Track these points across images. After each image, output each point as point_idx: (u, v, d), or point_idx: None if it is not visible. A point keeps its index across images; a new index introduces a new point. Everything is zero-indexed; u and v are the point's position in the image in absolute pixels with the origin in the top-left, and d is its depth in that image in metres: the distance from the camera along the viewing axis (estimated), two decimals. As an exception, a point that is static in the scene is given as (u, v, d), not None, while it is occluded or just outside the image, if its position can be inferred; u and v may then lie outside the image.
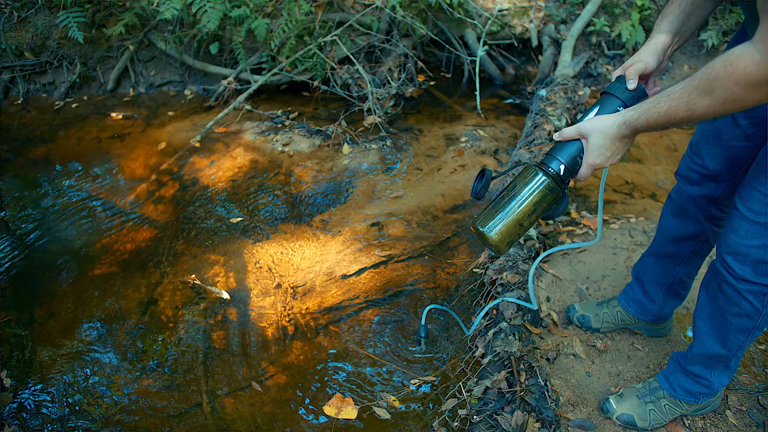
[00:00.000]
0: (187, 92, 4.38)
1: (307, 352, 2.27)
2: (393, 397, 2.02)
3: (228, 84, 4.10)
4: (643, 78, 1.48)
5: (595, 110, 1.37)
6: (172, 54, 4.28)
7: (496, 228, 1.39)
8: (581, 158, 1.37)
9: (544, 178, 1.37)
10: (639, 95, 1.42)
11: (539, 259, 1.78)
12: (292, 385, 2.14)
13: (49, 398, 2.14)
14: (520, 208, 1.38)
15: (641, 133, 1.32)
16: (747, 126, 1.49)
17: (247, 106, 3.93)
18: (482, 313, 1.79)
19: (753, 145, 1.50)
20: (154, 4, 3.93)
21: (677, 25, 1.46)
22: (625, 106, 1.36)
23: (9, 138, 3.88)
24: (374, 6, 4.06)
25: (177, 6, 3.68)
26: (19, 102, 4.27)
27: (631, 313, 2.12)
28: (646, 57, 1.46)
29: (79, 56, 4.28)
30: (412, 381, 2.11)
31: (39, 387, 2.18)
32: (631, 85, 1.43)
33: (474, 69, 4.05)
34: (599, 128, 1.30)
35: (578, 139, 1.37)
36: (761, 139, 1.42)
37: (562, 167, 1.37)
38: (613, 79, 1.51)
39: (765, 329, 2.24)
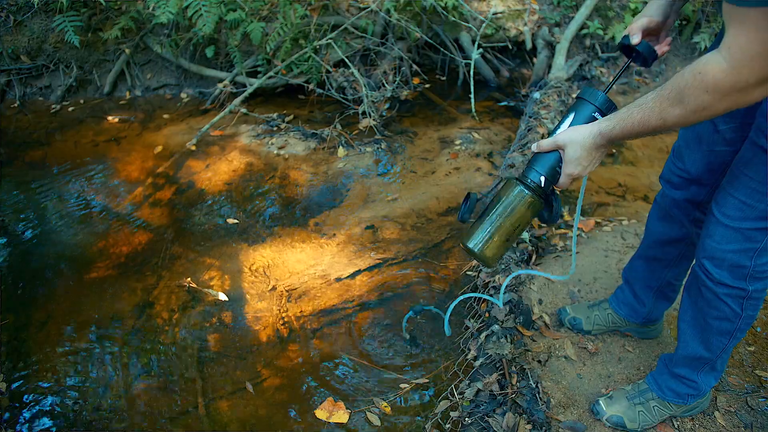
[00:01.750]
0: (183, 95, 4.40)
1: (301, 355, 2.29)
2: (384, 403, 2.04)
3: (224, 87, 4.12)
4: (653, 34, 1.50)
5: (571, 117, 1.39)
6: (168, 57, 4.29)
7: (482, 243, 1.42)
8: (560, 168, 1.39)
9: (525, 191, 1.40)
10: (643, 50, 1.44)
11: (504, 284, 1.81)
12: (287, 387, 2.16)
13: (45, 401, 2.16)
14: (505, 222, 1.41)
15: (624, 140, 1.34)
16: (726, 131, 1.52)
17: (243, 110, 3.95)
18: (450, 309, 1.83)
19: (733, 150, 1.53)
20: (150, 8, 3.94)
21: None
22: (600, 111, 1.38)
23: (6, 141, 3.89)
24: (369, 9, 4.08)
25: (172, 10, 3.70)
26: (16, 105, 4.28)
27: (622, 315, 2.15)
28: (650, 11, 1.48)
29: (75, 60, 4.30)
30: (405, 384, 2.13)
31: (35, 390, 2.19)
32: (635, 39, 1.45)
33: (469, 72, 4.07)
34: (576, 140, 1.32)
35: (556, 150, 1.39)
36: (741, 143, 1.45)
37: (543, 179, 1.40)
38: (622, 38, 1.54)
39: (750, 330, 2.27)
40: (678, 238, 1.85)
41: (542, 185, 1.40)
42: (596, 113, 1.38)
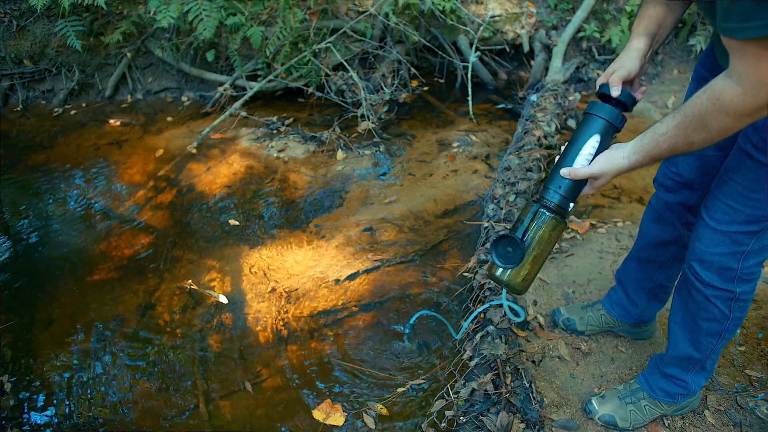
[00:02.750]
0: (184, 99, 4.44)
1: (300, 356, 2.33)
2: (380, 405, 2.08)
3: (224, 90, 4.16)
4: (627, 82, 1.53)
5: (596, 140, 1.40)
6: (169, 61, 4.34)
7: (512, 271, 1.42)
8: (581, 188, 1.43)
9: (548, 214, 1.40)
10: (625, 99, 1.47)
11: (472, 317, 1.83)
12: (286, 388, 2.20)
13: (48, 401, 2.20)
14: (535, 249, 1.41)
15: None
16: None
17: (243, 113, 3.99)
18: (471, 317, 1.85)
19: (723, 155, 1.57)
20: (151, 12, 3.98)
21: (654, 27, 1.52)
22: (613, 126, 1.42)
23: (9, 144, 3.94)
24: (368, 13, 4.12)
25: (173, 14, 3.74)
26: (19, 109, 4.33)
27: (615, 316, 2.19)
28: (628, 63, 1.51)
29: (77, 64, 4.34)
30: (401, 387, 2.17)
31: (39, 390, 2.24)
32: (615, 92, 1.48)
33: (466, 74, 4.11)
34: (610, 171, 1.36)
35: None
36: (730, 148, 1.49)
37: (568, 203, 1.42)
38: (597, 87, 1.57)
39: (742, 331, 2.30)
40: (671, 240, 1.89)
41: (565, 207, 1.42)
42: (612, 131, 1.42)
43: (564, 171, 1.43)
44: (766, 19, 0.97)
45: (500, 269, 1.43)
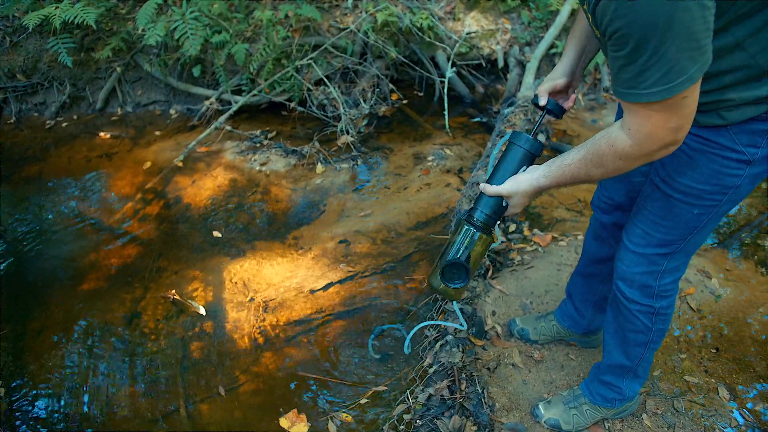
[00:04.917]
0: (171, 111, 4.60)
1: (275, 362, 2.51)
2: (345, 413, 2.25)
3: (210, 104, 4.33)
4: (562, 92, 1.74)
5: (515, 163, 1.59)
6: (158, 76, 4.49)
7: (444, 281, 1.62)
8: (504, 205, 1.60)
9: (473, 231, 1.59)
10: (552, 107, 1.68)
11: (413, 332, 2.04)
12: (261, 393, 2.38)
13: (39, 405, 2.37)
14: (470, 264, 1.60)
15: None
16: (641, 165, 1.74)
17: (228, 127, 4.15)
18: (411, 333, 2.06)
19: (647, 180, 1.75)
20: (139, 30, 4.14)
21: (584, 43, 1.70)
22: (530, 153, 1.60)
23: (3, 156, 4.09)
24: (348, 30, 4.28)
25: (160, 33, 3.90)
26: (12, 121, 4.48)
27: (565, 326, 2.37)
28: (556, 75, 1.72)
29: (68, 78, 4.49)
30: (366, 393, 2.34)
31: (31, 394, 2.41)
32: (542, 101, 1.69)
33: (444, 88, 4.28)
34: (519, 191, 1.54)
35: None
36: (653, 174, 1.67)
37: (489, 218, 1.61)
38: (533, 97, 1.76)
39: (685, 339, 2.48)
40: (608, 256, 2.07)
41: (488, 223, 1.61)
42: (529, 157, 1.60)
43: (481, 185, 1.62)
44: (647, 88, 1.15)
45: (436, 279, 1.63)
